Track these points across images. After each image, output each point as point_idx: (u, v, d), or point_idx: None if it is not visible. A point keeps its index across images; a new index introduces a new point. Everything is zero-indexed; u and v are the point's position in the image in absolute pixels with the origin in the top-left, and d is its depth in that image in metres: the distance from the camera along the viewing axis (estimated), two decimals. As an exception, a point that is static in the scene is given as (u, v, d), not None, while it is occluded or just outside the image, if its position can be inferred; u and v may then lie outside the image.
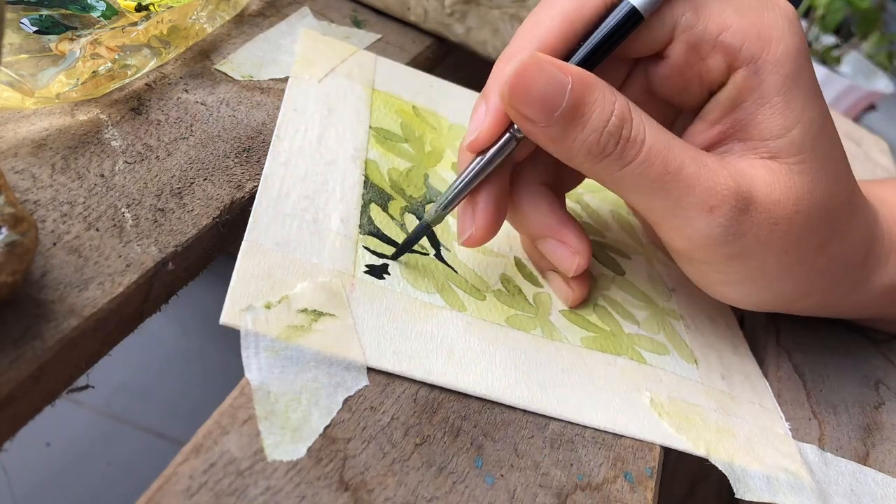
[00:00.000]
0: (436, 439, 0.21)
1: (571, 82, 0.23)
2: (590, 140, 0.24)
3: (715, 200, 0.24)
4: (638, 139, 0.24)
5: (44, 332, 0.19)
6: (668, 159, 0.24)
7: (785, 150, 0.25)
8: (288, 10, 0.38)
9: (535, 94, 0.23)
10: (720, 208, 0.24)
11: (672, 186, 0.24)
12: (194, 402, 0.83)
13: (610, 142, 0.24)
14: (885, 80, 1.10)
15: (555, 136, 0.24)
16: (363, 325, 0.23)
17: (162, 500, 0.17)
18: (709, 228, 0.25)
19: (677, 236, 0.26)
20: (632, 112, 0.24)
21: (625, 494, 0.23)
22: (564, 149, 0.24)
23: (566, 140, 0.24)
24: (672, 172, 0.24)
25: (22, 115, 0.25)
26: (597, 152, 0.24)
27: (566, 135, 0.24)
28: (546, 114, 0.23)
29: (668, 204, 0.25)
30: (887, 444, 0.30)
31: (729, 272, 0.27)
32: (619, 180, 0.25)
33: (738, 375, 0.30)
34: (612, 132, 0.24)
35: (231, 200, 0.25)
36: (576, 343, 0.27)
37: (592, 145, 0.24)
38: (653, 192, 0.25)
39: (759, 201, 0.25)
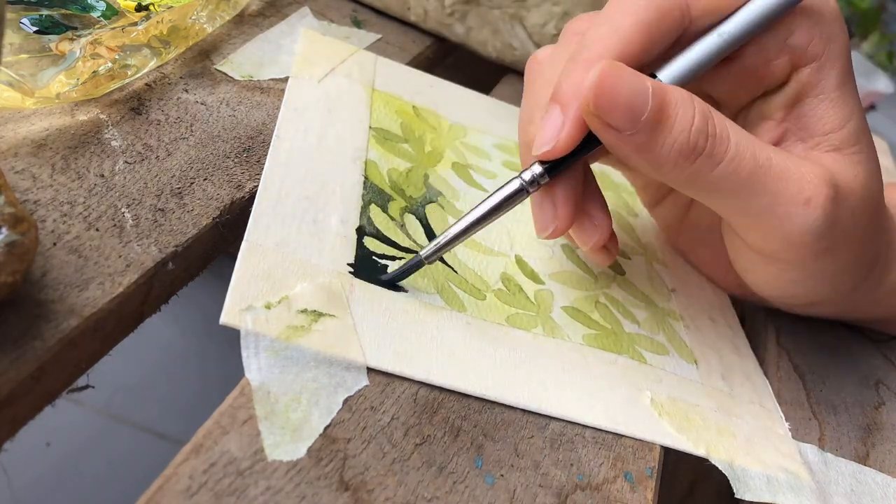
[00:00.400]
0: (436, 439, 0.21)
1: (652, 86, 0.23)
2: (680, 140, 0.23)
3: (810, 191, 0.24)
4: (723, 134, 0.24)
5: (44, 332, 0.19)
6: (756, 153, 0.24)
7: (845, 141, 0.26)
8: (288, 10, 0.38)
9: (620, 101, 0.23)
10: (816, 199, 0.24)
11: (766, 180, 0.24)
12: (194, 402, 0.83)
13: (700, 139, 0.23)
14: (885, 80, 1.10)
15: (642, 143, 0.23)
16: (363, 325, 0.23)
17: (162, 500, 0.17)
18: (808, 221, 0.24)
19: (775, 237, 0.25)
20: (712, 111, 0.24)
21: (625, 494, 0.23)
22: (653, 156, 0.23)
23: (655, 145, 0.23)
24: (764, 166, 0.24)
25: (22, 115, 0.25)
26: (688, 152, 0.23)
27: (654, 140, 0.23)
28: (632, 120, 0.23)
29: (765, 201, 0.24)
30: (887, 444, 0.30)
31: (810, 269, 0.26)
32: (712, 183, 0.24)
33: (738, 375, 0.30)
34: (700, 129, 0.23)
35: (231, 200, 0.25)
36: (577, 341, 0.27)
37: (683, 145, 0.23)
38: (747, 191, 0.24)
39: (841, 190, 0.25)
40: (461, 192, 0.32)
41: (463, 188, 0.32)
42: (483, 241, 0.30)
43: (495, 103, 0.40)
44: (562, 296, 0.29)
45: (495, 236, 0.30)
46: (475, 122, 0.37)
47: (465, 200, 0.31)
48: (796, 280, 0.27)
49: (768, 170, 0.24)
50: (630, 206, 0.37)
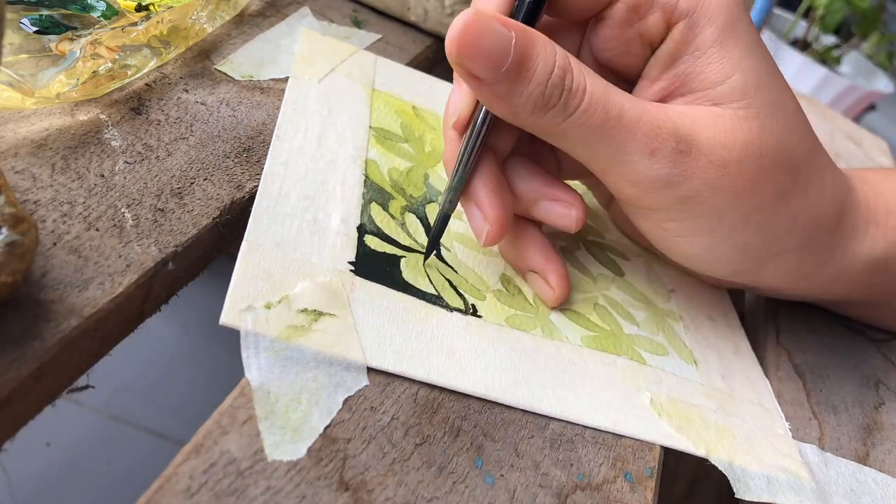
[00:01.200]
0: (436, 439, 0.21)
1: (515, 37, 0.23)
2: (535, 93, 0.24)
3: (656, 143, 0.25)
4: (580, 88, 0.24)
5: (44, 332, 0.19)
6: (608, 106, 0.24)
7: (727, 95, 0.26)
8: (288, 10, 0.38)
9: (482, 51, 0.23)
10: (661, 150, 0.25)
11: (614, 132, 0.25)
12: (194, 402, 0.83)
13: (554, 93, 0.24)
14: (885, 80, 1.10)
15: (502, 92, 0.24)
16: (363, 324, 0.23)
17: (162, 500, 0.17)
18: (651, 170, 0.25)
19: (624, 183, 0.26)
20: (571, 63, 0.24)
21: (625, 494, 0.23)
22: (510, 105, 0.24)
23: (513, 96, 0.24)
24: (613, 118, 0.24)
25: (22, 115, 0.25)
26: (542, 105, 0.24)
27: (513, 90, 0.24)
28: (494, 69, 0.23)
29: (610, 150, 0.25)
30: (887, 444, 0.30)
31: (683, 219, 0.27)
32: (562, 131, 0.25)
33: (738, 375, 0.30)
34: (556, 83, 0.24)
35: (231, 200, 0.25)
36: (576, 342, 0.27)
37: (538, 98, 0.24)
38: (596, 141, 0.25)
39: (701, 143, 0.25)
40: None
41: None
42: (483, 241, 0.30)
43: None
44: (562, 296, 0.29)
45: (495, 236, 0.30)
46: None
47: (465, 200, 0.31)
48: (679, 233, 0.28)
49: (618, 122, 0.24)
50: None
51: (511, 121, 0.25)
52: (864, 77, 1.09)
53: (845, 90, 1.02)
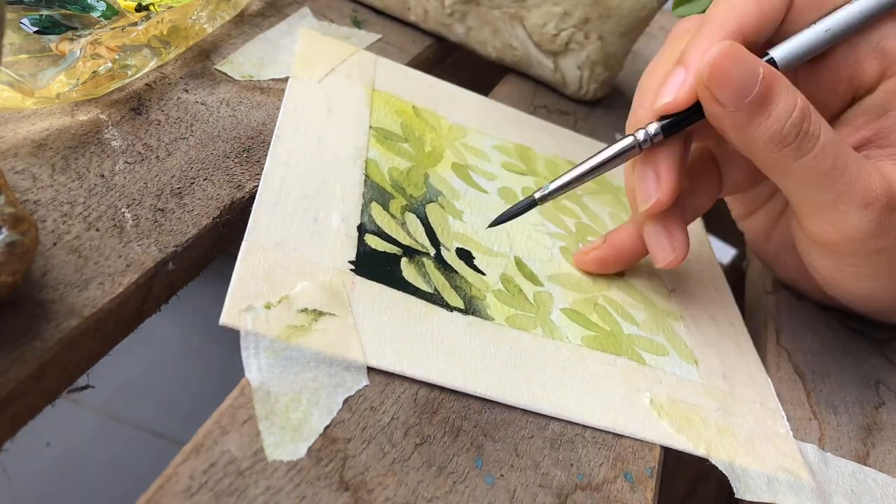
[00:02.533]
0: (436, 439, 0.21)
1: (763, 73, 0.25)
2: (773, 128, 0.26)
3: (870, 198, 0.26)
4: (815, 134, 0.26)
5: (44, 332, 0.19)
6: (837, 156, 0.26)
7: None
8: (288, 10, 0.38)
9: (732, 80, 0.25)
10: (874, 206, 0.26)
11: (837, 182, 0.26)
12: (194, 402, 0.83)
13: (791, 132, 0.26)
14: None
15: (741, 121, 0.26)
16: (364, 324, 0.23)
17: (162, 500, 0.17)
18: (861, 223, 0.27)
19: (831, 228, 0.28)
20: (811, 109, 0.26)
21: (625, 494, 0.23)
22: (746, 135, 0.26)
23: (751, 126, 0.26)
24: (839, 169, 0.26)
25: (22, 115, 0.25)
26: (778, 140, 0.26)
27: (752, 121, 0.26)
28: (738, 99, 0.25)
29: (829, 198, 0.27)
30: (887, 444, 0.30)
31: (866, 267, 0.29)
32: (790, 171, 0.26)
33: (739, 374, 0.30)
34: (795, 123, 0.25)
35: (231, 200, 0.25)
36: (576, 342, 0.27)
37: (775, 133, 0.26)
38: (818, 186, 0.26)
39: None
40: (461, 192, 0.32)
41: (463, 188, 0.32)
42: (483, 242, 0.30)
43: (495, 105, 0.40)
44: (561, 297, 0.29)
45: (495, 237, 0.30)
46: (475, 123, 0.37)
47: (465, 200, 0.31)
48: (854, 276, 0.29)
49: (842, 173, 0.26)
50: (628, 209, 0.37)
51: (742, 149, 0.27)
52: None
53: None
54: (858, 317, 0.37)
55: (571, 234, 0.33)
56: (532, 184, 0.35)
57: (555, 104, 0.44)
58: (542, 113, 0.42)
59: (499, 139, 0.37)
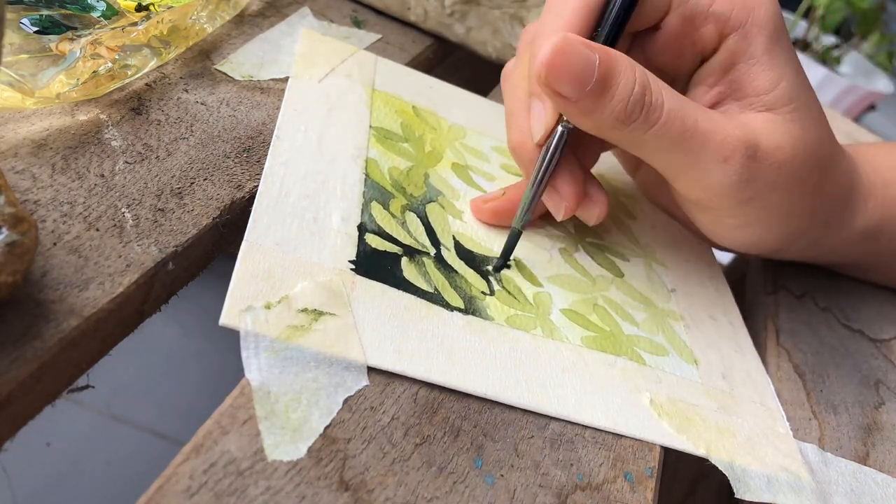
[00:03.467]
0: (436, 439, 0.21)
1: (598, 58, 0.26)
2: (618, 109, 0.26)
3: (728, 151, 0.27)
4: (658, 103, 0.26)
5: (44, 332, 0.19)
6: (684, 119, 0.27)
7: (777, 101, 0.28)
8: (288, 10, 0.38)
9: (569, 72, 0.25)
10: (733, 157, 0.27)
11: (691, 142, 0.27)
12: (194, 402, 0.83)
13: (635, 109, 0.26)
14: (885, 80, 1.10)
15: (587, 108, 0.26)
16: (364, 323, 0.23)
17: (162, 500, 0.17)
18: (725, 177, 0.27)
19: (697, 187, 0.29)
20: (650, 80, 0.27)
21: (625, 494, 0.23)
22: (594, 120, 0.27)
23: (597, 112, 0.26)
24: (689, 130, 0.27)
25: (22, 115, 0.25)
26: (624, 119, 0.26)
27: (597, 107, 0.26)
28: (579, 89, 0.26)
29: (687, 159, 0.27)
30: (887, 444, 0.30)
31: (742, 215, 0.30)
32: (643, 142, 0.27)
33: (739, 374, 0.30)
34: (637, 100, 0.26)
35: (231, 200, 0.25)
36: (576, 342, 0.27)
37: (620, 113, 0.26)
38: (673, 150, 0.27)
39: (763, 148, 0.28)
40: (461, 192, 0.32)
41: (463, 188, 0.32)
42: (483, 242, 0.30)
43: (494, 106, 0.40)
44: (560, 298, 0.29)
45: (495, 238, 0.30)
46: (474, 123, 0.37)
47: (465, 200, 0.31)
48: (733, 226, 0.31)
49: (694, 132, 0.27)
50: (628, 210, 0.37)
51: (595, 133, 0.28)
52: (864, 77, 1.09)
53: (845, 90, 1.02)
54: (858, 317, 0.37)
55: (570, 234, 0.33)
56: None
57: (555, 104, 0.44)
58: (542, 113, 0.42)
59: (498, 140, 0.37)
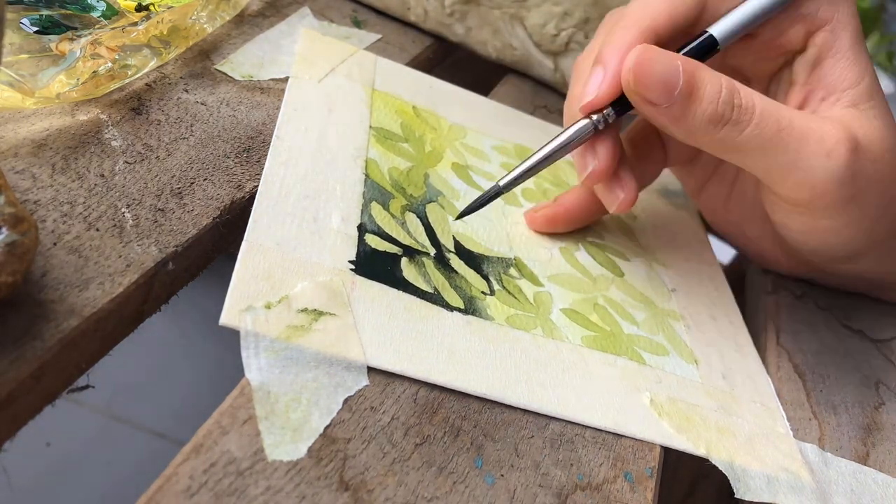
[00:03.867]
0: (436, 439, 0.21)
1: (682, 66, 0.26)
2: (709, 111, 0.26)
3: (830, 145, 0.27)
4: (749, 104, 0.27)
5: (44, 331, 0.19)
6: (778, 118, 0.27)
7: (861, 96, 0.29)
8: (288, 10, 0.38)
9: (656, 79, 0.26)
10: (836, 151, 0.27)
11: (788, 141, 0.27)
12: (194, 402, 0.83)
13: (726, 109, 0.27)
14: (885, 80, 1.10)
15: (676, 114, 0.27)
16: (364, 323, 0.23)
17: (162, 500, 0.17)
18: (829, 172, 0.27)
19: (802, 188, 0.28)
20: (738, 85, 0.27)
21: (625, 494, 0.23)
22: (686, 125, 0.27)
23: (687, 115, 0.27)
24: (785, 128, 0.27)
25: (22, 115, 0.25)
26: (716, 121, 0.27)
27: (686, 110, 0.27)
28: (667, 95, 0.26)
29: (788, 158, 0.27)
30: (887, 444, 0.30)
31: (841, 217, 0.29)
32: (739, 145, 0.27)
33: (740, 374, 0.30)
34: (727, 100, 0.27)
35: (231, 200, 0.25)
36: (576, 342, 0.27)
37: (712, 115, 0.27)
38: (772, 151, 0.27)
39: (862, 142, 0.28)
40: (461, 192, 0.32)
41: (463, 188, 0.32)
42: (483, 242, 0.30)
43: (494, 106, 0.40)
44: (561, 298, 0.29)
45: (495, 238, 0.30)
46: (474, 123, 0.37)
47: (465, 200, 0.31)
48: (830, 229, 0.30)
49: (790, 130, 0.27)
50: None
51: (689, 141, 0.28)
52: (864, 77, 1.08)
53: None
54: (858, 317, 0.37)
55: (571, 234, 0.33)
56: (532, 185, 0.35)
57: (555, 104, 0.44)
58: (542, 113, 0.42)
59: (498, 140, 0.37)
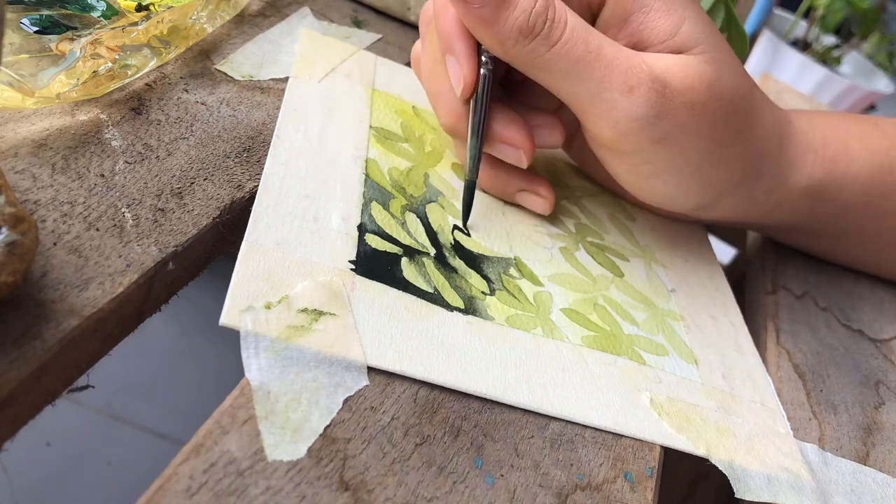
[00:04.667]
0: (436, 439, 0.21)
1: None
2: (520, 20, 0.26)
3: (633, 81, 0.27)
4: (562, 20, 0.27)
5: (44, 331, 0.19)
6: (588, 40, 0.27)
7: (683, 43, 0.28)
8: (288, 10, 0.38)
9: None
10: (639, 88, 0.27)
11: (594, 66, 0.27)
12: (194, 402, 0.83)
13: (538, 21, 0.26)
14: (885, 80, 1.10)
15: (487, 16, 0.26)
16: (364, 323, 0.23)
17: (162, 500, 0.17)
18: (631, 108, 0.27)
19: (604, 122, 0.28)
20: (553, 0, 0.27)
21: (625, 494, 0.23)
22: (496, 31, 0.26)
23: (498, 21, 0.26)
24: (593, 52, 0.27)
25: (22, 115, 0.25)
26: (527, 32, 0.26)
27: (498, 15, 0.26)
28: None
29: (591, 86, 0.27)
30: (887, 444, 0.30)
31: (657, 160, 0.29)
32: (546, 63, 0.27)
33: (739, 374, 0.30)
34: (540, 12, 0.26)
35: (231, 200, 0.25)
36: (576, 342, 0.27)
37: (522, 24, 0.26)
38: (577, 74, 0.27)
39: (674, 85, 0.27)
40: (461, 193, 0.32)
41: (463, 188, 0.32)
42: (483, 242, 0.30)
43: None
44: (561, 298, 0.29)
45: (495, 237, 0.30)
46: None
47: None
48: (653, 173, 0.30)
49: (598, 56, 0.27)
50: (628, 211, 0.37)
51: (498, 52, 0.27)
52: (865, 77, 1.09)
53: (845, 90, 1.02)
54: (858, 317, 0.37)
55: (571, 234, 0.33)
56: None
57: (555, 104, 0.44)
58: (542, 113, 0.42)
59: None
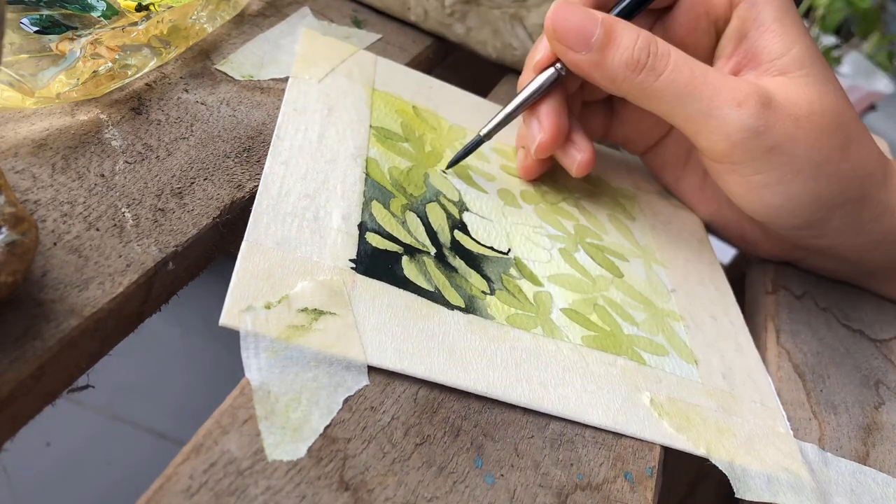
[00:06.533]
0: (436, 439, 0.21)
1: (601, 17, 0.29)
2: (625, 56, 0.29)
3: (741, 96, 0.29)
4: (665, 52, 0.29)
5: (44, 331, 0.19)
6: (693, 67, 0.29)
7: (790, 65, 0.30)
8: (288, 10, 0.38)
9: (573, 27, 0.29)
10: (747, 102, 0.29)
11: (703, 88, 0.29)
12: (194, 402, 0.83)
13: (642, 55, 0.29)
14: (885, 80, 1.10)
15: (595, 60, 0.29)
16: (364, 322, 0.23)
17: (162, 500, 0.17)
18: (741, 119, 0.29)
19: (717, 136, 0.30)
20: (655, 37, 0.30)
21: (625, 494, 0.23)
22: (604, 70, 0.30)
23: (605, 61, 0.29)
24: (699, 77, 0.29)
25: (22, 115, 0.25)
26: (633, 65, 0.29)
27: (604, 57, 0.29)
28: (584, 41, 0.29)
29: (702, 105, 0.29)
30: (887, 444, 0.30)
31: (767, 170, 0.30)
32: (656, 91, 0.30)
33: (740, 374, 0.30)
34: (642, 47, 0.29)
35: (231, 200, 0.25)
36: (576, 342, 0.27)
37: (628, 59, 0.29)
38: (688, 97, 0.29)
39: (778, 99, 0.29)
40: (461, 192, 0.32)
41: (463, 188, 0.32)
42: (483, 242, 0.30)
43: (494, 106, 0.40)
44: (560, 298, 0.29)
45: (495, 237, 0.30)
46: (474, 124, 0.37)
47: (465, 200, 0.31)
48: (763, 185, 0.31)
49: (704, 79, 0.29)
50: (627, 211, 0.37)
51: (612, 89, 0.30)
52: (865, 77, 1.08)
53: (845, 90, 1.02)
54: (858, 317, 0.37)
55: (570, 235, 0.33)
56: (531, 188, 0.35)
57: (555, 104, 0.44)
58: (542, 113, 0.42)
59: (497, 141, 0.37)
